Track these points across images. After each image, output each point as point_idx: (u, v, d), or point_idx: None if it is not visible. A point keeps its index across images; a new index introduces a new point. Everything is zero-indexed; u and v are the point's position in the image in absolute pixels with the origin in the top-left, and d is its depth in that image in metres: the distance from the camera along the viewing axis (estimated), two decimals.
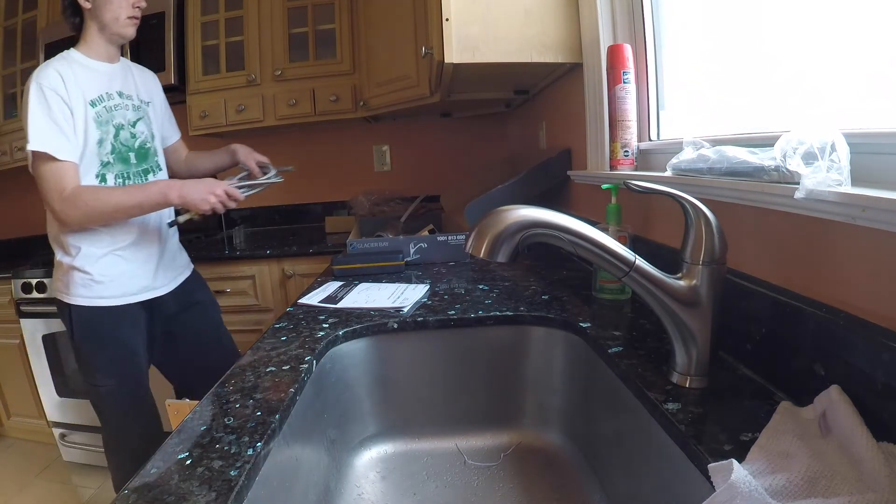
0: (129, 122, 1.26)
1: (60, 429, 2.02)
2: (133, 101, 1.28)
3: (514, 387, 0.82)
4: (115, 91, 1.24)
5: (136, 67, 1.38)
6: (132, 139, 1.26)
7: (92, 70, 1.21)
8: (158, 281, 1.31)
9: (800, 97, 0.65)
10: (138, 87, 1.32)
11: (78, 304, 1.23)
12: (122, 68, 1.29)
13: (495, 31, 1.13)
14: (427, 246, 1.22)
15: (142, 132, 1.29)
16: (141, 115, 1.30)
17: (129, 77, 1.31)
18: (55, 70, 1.13)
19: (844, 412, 0.39)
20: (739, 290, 0.58)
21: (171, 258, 1.37)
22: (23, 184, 2.48)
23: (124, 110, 1.25)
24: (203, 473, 0.43)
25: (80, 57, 1.21)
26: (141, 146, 1.29)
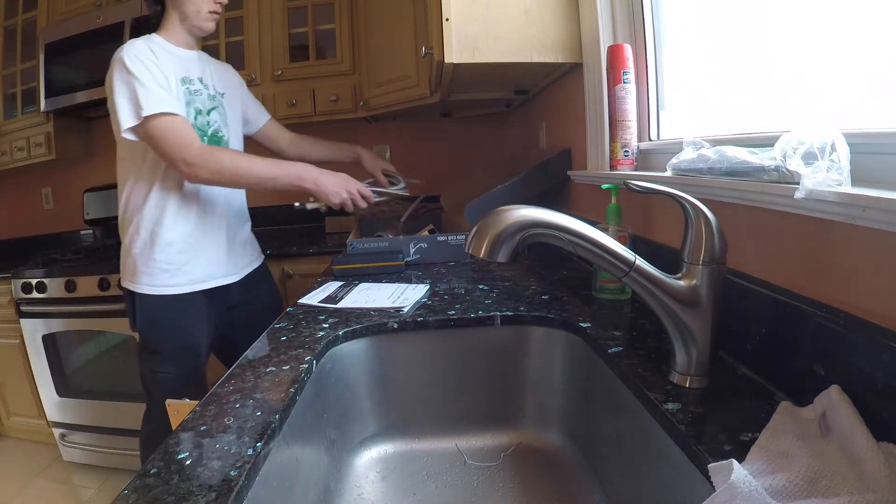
0: (206, 110, 1.28)
1: (60, 429, 2.02)
2: (209, 90, 1.30)
3: (514, 387, 0.82)
4: (196, 77, 1.26)
5: (213, 60, 1.40)
6: (207, 126, 1.28)
7: (173, 55, 1.22)
8: (225, 269, 1.31)
9: (800, 97, 0.65)
10: (214, 78, 1.34)
11: (142, 292, 1.23)
12: (199, 58, 1.31)
13: (495, 31, 1.13)
14: (427, 246, 1.22)
15: (215, 121, 1.30)
16: (216, 105, 1.31)
17: (207, 68, 1.32)
18: (145, 44, 1.16)
19: (844, 412, 0.39)
20: (739, 290, 0.58)
21: (242, 248, 1.38)
22: (23, 184, 2.50)
23: (203, 97, 1.27)
24: (203, 473, 0.43)
25: (163, 42, 1.23)
26: (214, 134, 1.30)
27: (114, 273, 1.82)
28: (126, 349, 1.88)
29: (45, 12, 2.12)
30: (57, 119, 2.18)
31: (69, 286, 1.85)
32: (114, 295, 1.83)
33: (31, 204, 2.55)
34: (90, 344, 1.95)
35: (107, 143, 2.44)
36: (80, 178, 2.45)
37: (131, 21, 1.95)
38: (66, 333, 1.93)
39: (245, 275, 1.38)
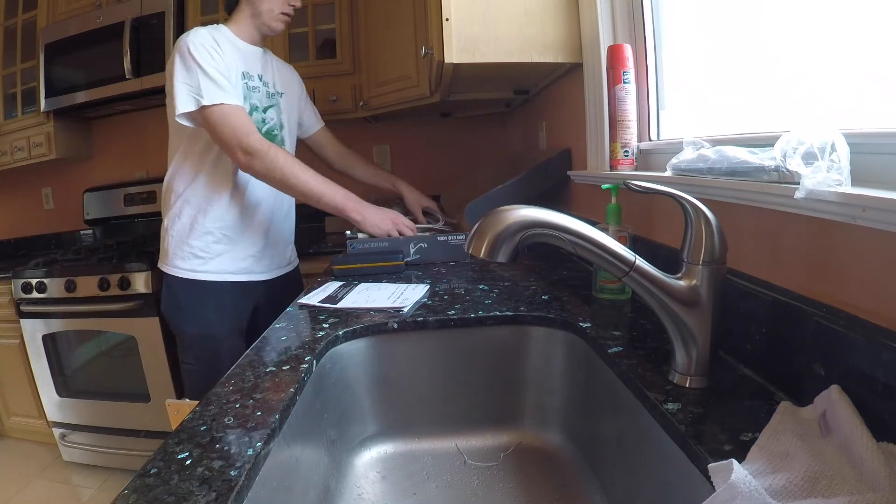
0: (263, 107, 1.29)
1: (60, 429, 2.02)
2: (269, 88, 1.31)
3: (514, 387, 0.82)
4: (256, 73, 1.27)
5: (277, 59, 1.40)
6: (262, 123, 1.28)
7: (238, 48, 1.23)
8: (257, 266, 1.32)
9: (800, 97, 0.65)
10: (275, 77, 1.34)
11: (171, 273, 1.26)
12: (263, 55, 1.31)
13: (495, 31, 1.13)
14: (427, 246, 1.22)
15: (271, 118, 1.31)
16: (273, 103, 1.31)
17: (269, 66, 1.33)
18: (209, 34, 1.16)
19: (844, 412, 0.39)
20: (739, 290, 0.58)
21: (281, 249, 1.39)
22: (23, 184, 2.50)
23: (261, 94, 1.28)
24: (203, 473, 0.43)
25: (228, 33, 1.23)
26: (269, 132, 1.30)
27: (114, 273, 1.82)
28: (126, 349, 1.88)
29: (45, 12, 2.12)
30: (57, 119, 2.18)
31: (69, 286, 1.85)
32: (114, 295, 1.83)
33: (31, 204, 2.55)
34: (90, 344, 1.95)
35: (107, 143, 2.45)
36: (80, 178, 2.45)
37: (131, 21, 1.95)
38: (66, 333, 1.93)
39: (275, 276, 1.38)
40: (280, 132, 1.34)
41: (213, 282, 1.26)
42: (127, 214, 2.33)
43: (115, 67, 1.95)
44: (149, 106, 2.26)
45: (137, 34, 1.95)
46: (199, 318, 1.27)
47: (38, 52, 2.09)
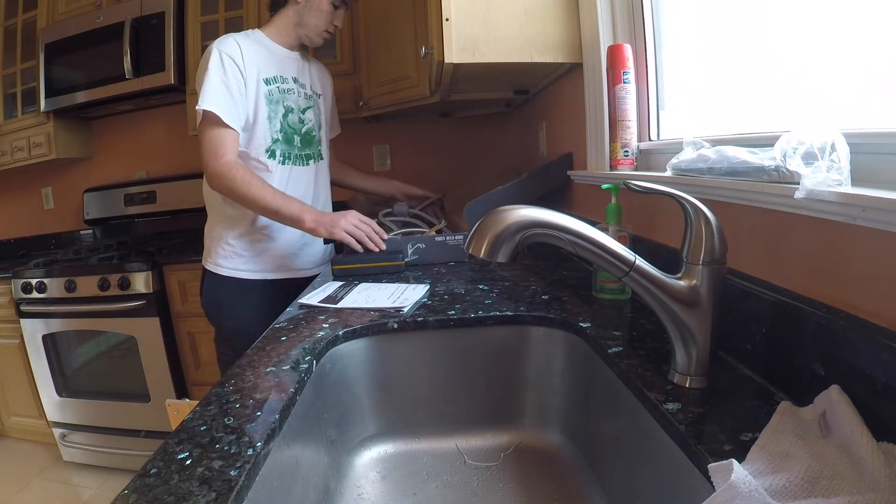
0: (300, 108, 1.32)
1: (60, 429, 2.02)
2: (306, 89, 1.35)
3: (514, 387, 0.82)
4: (290, 76, 1.30)
5: (314, 62, 1.44)
6: (300, 124, 1.33)
7: (272, 52, 1.27)
8: (297, 263, 1.35)
9: (800, 97, 0.65)
10: (313, 78, 1.38)
11: (213, 270, 1.30)
12: (300, 58, 1.35)
13: (495, 31, 1.13)
14: (425, 247, 1.22)
15: (310, 119, 1.35)
16: (311, 105, 1.36)
17: (306, 68, 1.37)
18: (235, 41, 1.20)
19: (844, 412, 0.39)
20: (739, 290, 0.58)
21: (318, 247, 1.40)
22: (23, 184, 2.50)
23: (297, 96, 1.31)
24: (203, 473, 0.43)
25: (263, 38, 1.27)
26: (308, 132, 1.35)
27: (114, 273, 1.82)
28: (126, 349, 1.89)
29: (45, 12, 2.12)
30: (57, 119, 2.18)
31: (69, 286, 1.85)
32: (114, 295, 1.83)
33: (31, 204, 2.55)
34: (90, 344, 1.95)
35: (107, 143, 2.45)
36: (80, 178, 2.45)
37: (131, 21, 1.95)
38: (66, 333, 1.94)
39: (314, 273, 1.38)
40: (318, 132, 1.38)
41: (253, 280, 1.30)
42: (127, 214, 2.34)
43: (115, 67, 1.95)
44: (149, 106, 2.27)
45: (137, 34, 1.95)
46: (238, 315, 1.30)
47: (38, 52, 2.09)
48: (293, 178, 1.31)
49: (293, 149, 1.32)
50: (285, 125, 1.29)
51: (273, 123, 1.26)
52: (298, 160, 1.33)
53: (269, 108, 1.24)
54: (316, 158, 1.39)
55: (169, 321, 1.90)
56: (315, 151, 1.39)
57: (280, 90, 1.27)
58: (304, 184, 1.35)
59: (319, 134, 1.39)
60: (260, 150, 1.25)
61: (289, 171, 1.31)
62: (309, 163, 1.36)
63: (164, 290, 1.89)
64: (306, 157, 1.35)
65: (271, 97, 1.25)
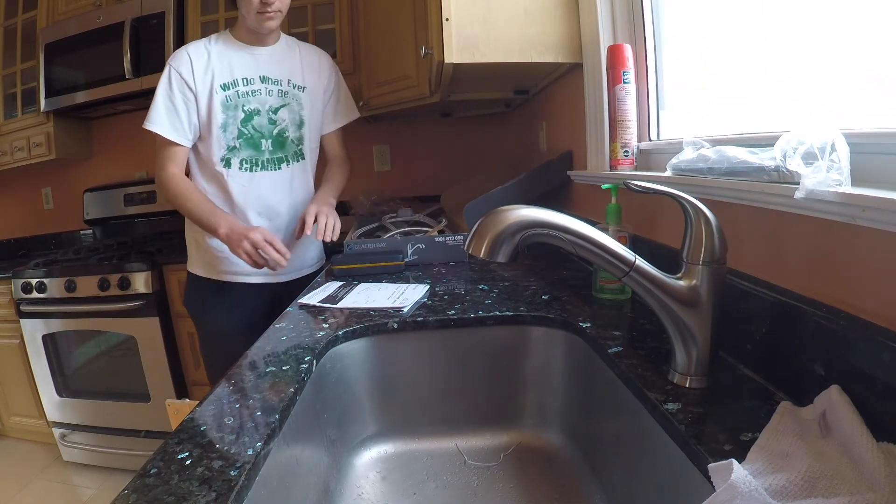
0: (271, 109, 1.25)
1: (60, 429, 2.02)
2: (281, 86, 1.26)
3: (514, 387, 0.82)
4: (256, 76, 1.23)
5: (308, 49, 1.34)
6: (271, 125, 1.25)
7: (237, 52, 1.23)
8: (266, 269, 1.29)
9: (800, 97, 0.65)
10: (295, 70, 1.28)
11: (191, 271, 1.30)
12: (273, 52, 1.26)
13: (495, 31, 1.13)
14: (425, 247, 1.22)
15: (283, 119, 1.27)
16: (286, 102, 1.27)
17: (286, 61, 1.28)
18: (187, 54, 1.19)
19: (844, 412, 0.39)
20: (739, 290, 0.58)
21: (300, 252, 1.35)
22: (23, 184, 2.50)
23: (265, 96, 1.24)
24: (203, 473, 0.43)
25: (229, 38, 1.25)
26: (279, 135, 1.27)
27: (114, 273, 1.82)
28: (126, 349, 1.89)
29: (45, 12, 2.12)
30: (57, 119, 2.18)
31: (69, 286, 1.85)
32: (114, 295, 1.83)
33: (31, 204, 2.55)
34: (90, 344, 1.95)
35: (107, 143, 2.45)
36: (80, 178, 2.45)
37: (131, 21, 1.95)
38: (66, 333, 1.94)
39: (295, 278, 1.36)
40: (298, 131, 1.30)
41: (229, 283, 1.28)
42: (127, 214, 2.34)
43: (115, 67, 1.95)
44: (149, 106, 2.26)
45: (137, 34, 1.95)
46: (213, 317, 1.30)
47: (38, 52, 2.09)
48: (256, 184, 1.25)
49: (260, 154, 1.25)
50: (248, 130, 1.23)
51: (229, 131, 1.22)
52: (269, 164, 1.27)
53: (224, 115, 1.21)
54: (292, 160, 1.30)
55: (169, 321, 1.90)
56: (291, 153, 1.30)
57: (240, 94, 1.22)
58: (272, 189, 1.27)
59: (300, 132, 1.30)
60: (216, 158, 1.23)
61: (250, 178, 1.25)
62: (281, 166, 1.29)
63: (164, 290, 1.89)
64: (278, 160, 1.28)
65: (228, 103, 1.21)
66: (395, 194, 2.17)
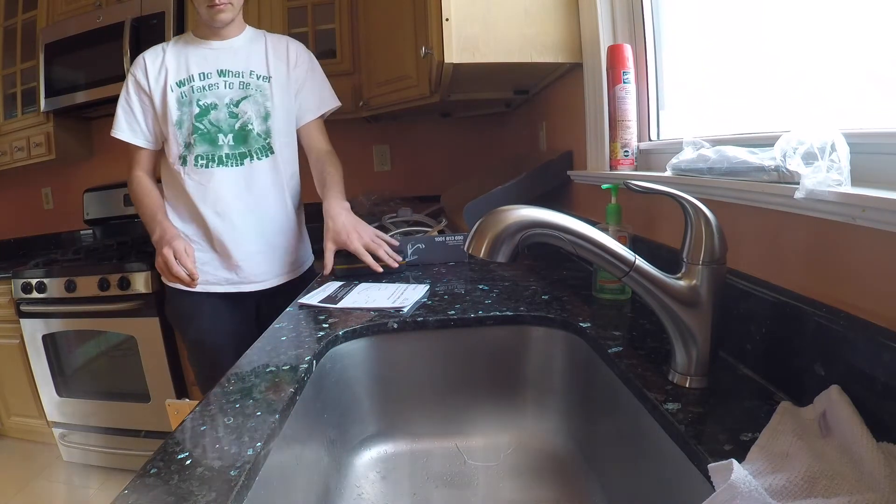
0: (232, 101, 1.20)
1: (60, 429, 2.02)
2: (242, 78, 1.21)
3: (514, 387, 0.82)
4: (213, 69, 1.20)
5: (275, 39, 1.29)
6: (231, 119, 1.20)
7: (195, 49, 1.21)
8: (243, 276, 1.26)
9: (800, 97, 0.65)
10: (257, 62, 1.23)
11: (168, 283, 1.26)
12: (234, 44, 1.23)
13: (495, 31, 1.13)
14: (425, 247, 1.22)
15: (245, 112, 1.21)
16: (247, 94, 1.21)
17: (248, 53, 1.23)
18: (143, 57, 1.20)
19: (844, 412, 0.39)
20: (739, 290, 0.58)
21: (277, 256, 1.29)
22: (23, 184, 2.50)
23: (224, 89, 1.20)
24: (203, 473, 0.43)
25: (189, 37, 1.24)
26: (242, 127, 1.21)
27: (114, 273, 1.82)
28: (126, 349, 1.89)
29: (45, 12, 2.12)
30: (57, 119, 2.18)
31: (69, 286, 1.85)
32: (114, 295, 1.83)
33: (31, 204, 2.55)
34: (90, 344, 1.95)
35: (107, 144, 2.44)
36: (80, 178, 2.45)
37: (131, 21, 1.95)
38: (66, 333, 1.93)
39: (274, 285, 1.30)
40: (264, 123, 1.23)
41: (206, 293, 1.25)
42: (127, 214, 2.33)
43: (115, 67, 1.95)
44: None
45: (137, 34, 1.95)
46: (194, 327, 1.27)
47: (38, 52, 2.09)
48: (213, 181, 1.20)
49: (217, 149, 1.20)
50: (203, 125, 1.19)
51: (184, 127, 1.19)
52: (229, 160, 1.21)
53: (179, 111, 1.18)
54: (257, 155, 1.23)
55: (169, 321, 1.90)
56: (256, 147, 1.23)
57: (194, 89, 1.18)
58: (232, 186, 1.21)
59: (266, 125, 1.23)
60: (174, 157, 1.21)
61: (208, 175, 1.20)
62: (244, 162, 1.22)
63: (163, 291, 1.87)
64: (240, 155, 1.21)
65: (182, 100, 1.18)
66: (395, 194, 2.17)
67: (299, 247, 1.37)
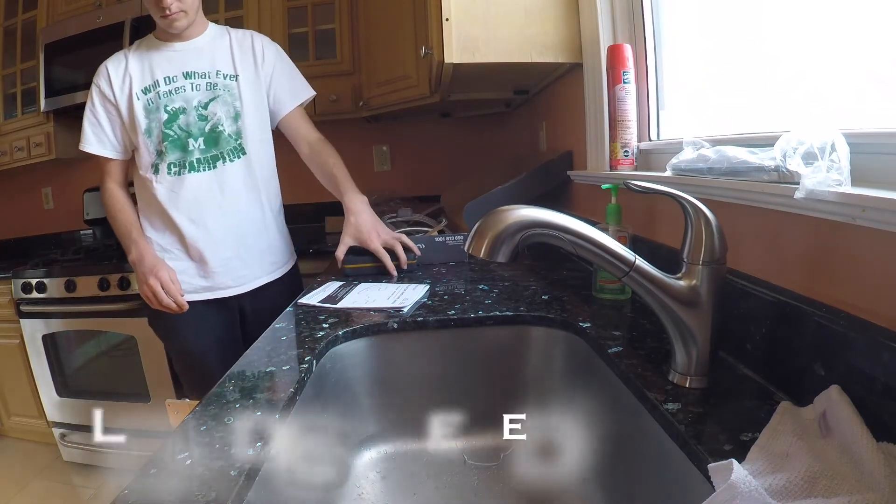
0: (200, 104, 1.16)
1: (60, 429, 2.02)
2: (208, 78, 1.17)
3: (514, 387, 0.82)
4: (179, 72, 1.16)
5: (237, 36, 1.23)
6: (201, 122, 1.16)
7: (159, 53, 1.17)
8: (223, 281, 1.22)
9: (800, 97, 0.65)
10: (222, 61, 1.19)
11: None
12: (197, 44, 1.19)
13: (495, 31, 1.13)
14: (425, 247, 1.22)
15: (215, 113, 1.17)
16: (216, 95, 1.17)
17: (213, 51, 1.19)
18: (105, 66, 1.17)
19: (844, 412, 0.39)
20: (739, 290, 0.58)
21: (248, 261, 1.24)
22: (23, 184, 2.50)
23: (191, 92, 1.16)
24: (203, 473, 0.43)
25: (151, 41, 1.20)
26: (213, 130, 1.17)
27: (114, 273, 1.82)
28: (126, 349, 1.88)
29: (45, 12, 2.12)
30: (57, 119, 2.18)
31: (69, 286, 1.85)
32: (114, 295, 1.83)
33: (31, 204, 2.55)
34: (90, 344, 1.95)
35: None
36: (80, 178, 2.45)
37: (131, 21, 1.95)
38: (66, 333, 1.94)
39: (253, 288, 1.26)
40: (235, 124, 1.19)
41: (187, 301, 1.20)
42: None
43: None
44: None
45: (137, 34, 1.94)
46: (178, 336, 1.24)
47: (38, 52, 2.08)
48: (189, 188, 1.16)
49: (189, 154, 1.16)
50: (173, 131, 1.15)
51: (154, 135, 1.15)
52: (202, 165, 1.17)
53: (147, 119, 1.15)
54: (230, 157, 1.19)
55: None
56: (228, 149, 1.18)
57: (161, 95, 1.14)
58: (205, 192, 1.17)
59: (237, 126, 1.19)
60: (145, 166, 1.18)
61: (180, 181, 1.16)
62: (216, 165, 1.17)
63: None
64: (212, 158, 1.17)
65: (149, 107, 1.15)
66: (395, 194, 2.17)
67: (280, 246, 1.34)
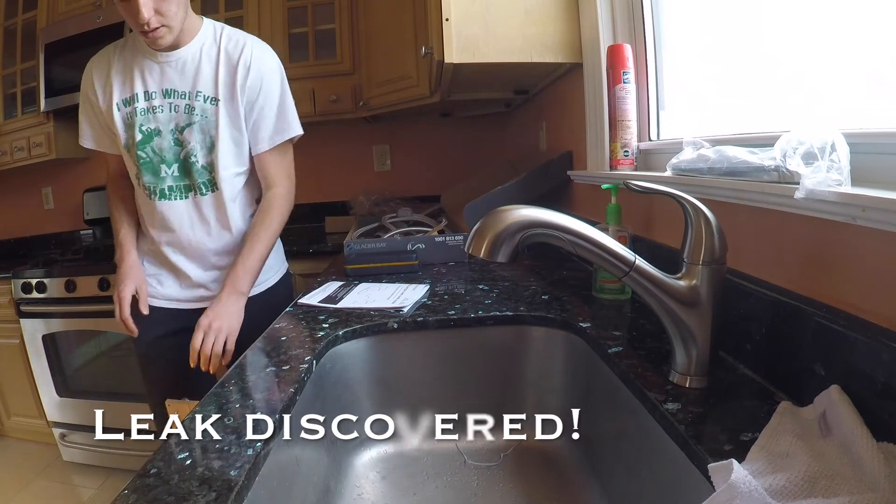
0: (177, 128, 1.04)
1: (60, 429, 2.02)
2: (186, 100, 1.02)
3: (514, 387, 0.82)
4: (159, 89, 1.02)
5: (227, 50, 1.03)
6: (176, 147, 1.04)
7: (140, 60, 1.03)
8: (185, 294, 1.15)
9: (800, 97, 0.65)
10: (205, 80, 1.02)
11: None
12: (182, 56, 1.02)
13: (495, 31, 1.13)
14: (425, 247, 1.22)
15: (188, 142, 1.03)
16: (191, 121, 1.03)
17: (200, 67, 1.02)
18: (90, 67, 1.07)
19: (844, 412, 0.39)
20: (739, 290, 0.58)
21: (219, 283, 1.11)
22: (23, 184, 2.49)
23: (169, 112, 1.03)
24: (203, 473, 0.43)
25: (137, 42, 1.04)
26: (186, 158, 1.05)
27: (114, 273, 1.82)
28: (126, 349, 1.88)
29: (45, 12, 2.11)
30: (57, 119, 2.18)
31: (69, 286, 1.85)
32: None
33: (31, 204, 2.55)
34: (90, 344, 1.95)
35: None
36: (80, 178, 2.45)
37: None
38: (66, 333, 1.93)
39: None
40: (209, 156, 1.05)
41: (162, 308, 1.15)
42: None
43: None
44: None
45: None
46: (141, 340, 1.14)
47: (38, 52, 2.08)
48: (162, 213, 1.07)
49: (160, 181, 1.05)
50: (146, 153, 1.04)
51: (130, 153, 1.06)
52: (173, 193, 1.06)
53: (125, 134, 1.04)
54: (201, 190, 1.06)
55: None
56: (201, 182, 1.06)
57: (137, 112, 1.02)
58: (178, 221, 1.07)
59: (210, 158, 1.05)
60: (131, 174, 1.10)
61: (153, 205, 1.08)
62: (188, 195, 1.06)
63: None
64: (185, 188, 1.06)
65: (127, 121, 1.04)
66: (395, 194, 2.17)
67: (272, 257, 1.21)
